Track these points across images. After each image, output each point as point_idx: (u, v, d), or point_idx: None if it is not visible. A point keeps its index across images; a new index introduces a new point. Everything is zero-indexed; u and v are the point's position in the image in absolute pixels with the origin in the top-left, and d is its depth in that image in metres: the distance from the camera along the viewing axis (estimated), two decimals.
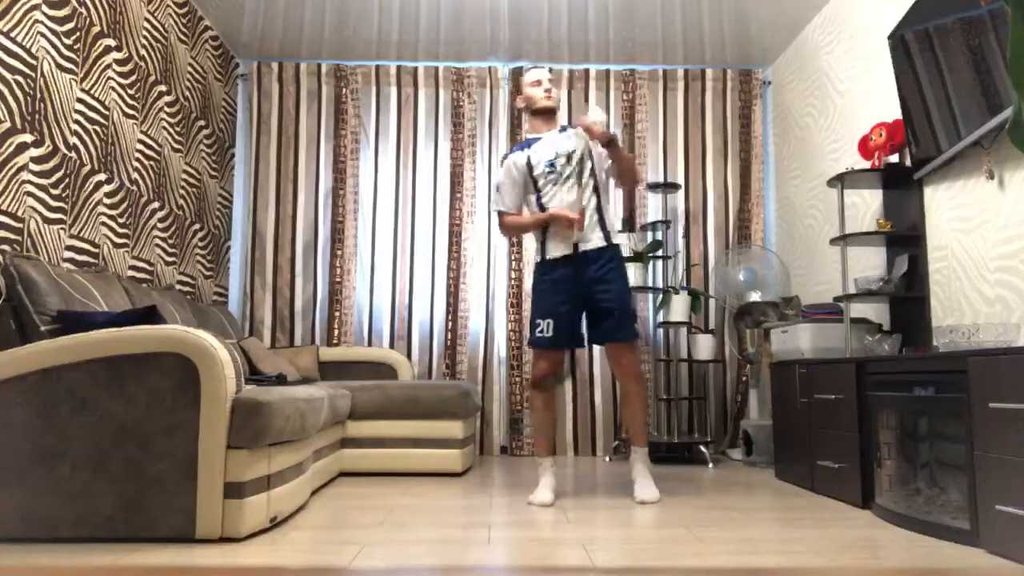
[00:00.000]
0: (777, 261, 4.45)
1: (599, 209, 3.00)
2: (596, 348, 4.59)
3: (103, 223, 3.19)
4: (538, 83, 3.07)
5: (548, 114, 3.09)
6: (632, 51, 4.68)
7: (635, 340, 2.99)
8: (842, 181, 3.30)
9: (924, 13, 2.89)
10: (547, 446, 3.04)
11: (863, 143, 3.41)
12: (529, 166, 3.02)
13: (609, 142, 2.91)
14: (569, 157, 2.99)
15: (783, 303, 4.10)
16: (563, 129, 3.10)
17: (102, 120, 3.16)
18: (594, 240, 2.96)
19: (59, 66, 2.85)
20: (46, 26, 2.76)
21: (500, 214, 3.12)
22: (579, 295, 2.96)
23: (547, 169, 2.99)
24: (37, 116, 2.72)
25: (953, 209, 2.91)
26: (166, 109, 3.76)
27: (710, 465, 4.03)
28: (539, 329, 2.97)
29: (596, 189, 3.01)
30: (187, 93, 4.01)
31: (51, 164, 2.81)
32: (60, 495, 2.10)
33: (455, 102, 4.76)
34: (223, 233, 4.57)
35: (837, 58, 3.94)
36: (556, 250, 2.98)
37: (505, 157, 3.12)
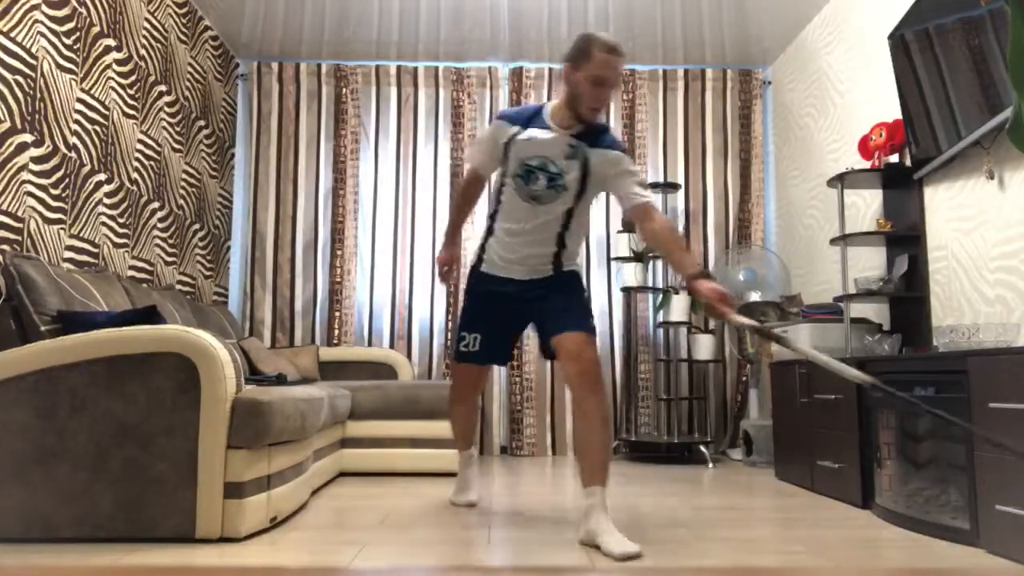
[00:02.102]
0: (777, 261, 4.45)
1: (558, 251, 2.43)
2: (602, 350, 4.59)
3: (103, 223, 3.19)
4: (602, 83, 2.25)
5: (581, 118, 2.35)
6: (632, 51, 4.67)
7: (592, 334, 2.34)
8: (842, 181, 3.30)
9: (924, 13, 2.89)
10: (465, 442, 2.83)
11: (863, 143, 3.41)
12: (514, 143, 2.39)
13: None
14: (554, 180, 2.34)
15: (786, 301, 4.10)
16: (579, 136, 2.36)
17: (102, 120, 3.16)
18: (543, 272, 2.46)
19: (59, 66, 2.85)
20: (46, 26, 2.76)
21: (468, 171, 2.69)
22: (516, 308, 2.50)
23: (523, 168, 2.36)
24: (37, 116, 2.72)
25: (953, 209, 2.91)
26: (166, 109, 3.76)
27: (710, 465, 4.03)
28: (464, 343, 2.57)
29: (562, 234, 2.42)
30: (187, 93, 4.01)
31: (51, 164, 2.81)
32: (60, 495, 2.10)
33: (455, 102, 4.76)
34: (223, 233, 4.57)
35: (837, 58, 3.94)
36: (498, 271, 2.50)
37: (501, 116, 2.49)
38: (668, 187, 4.52)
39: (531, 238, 2.42)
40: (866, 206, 3.59)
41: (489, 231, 2.53)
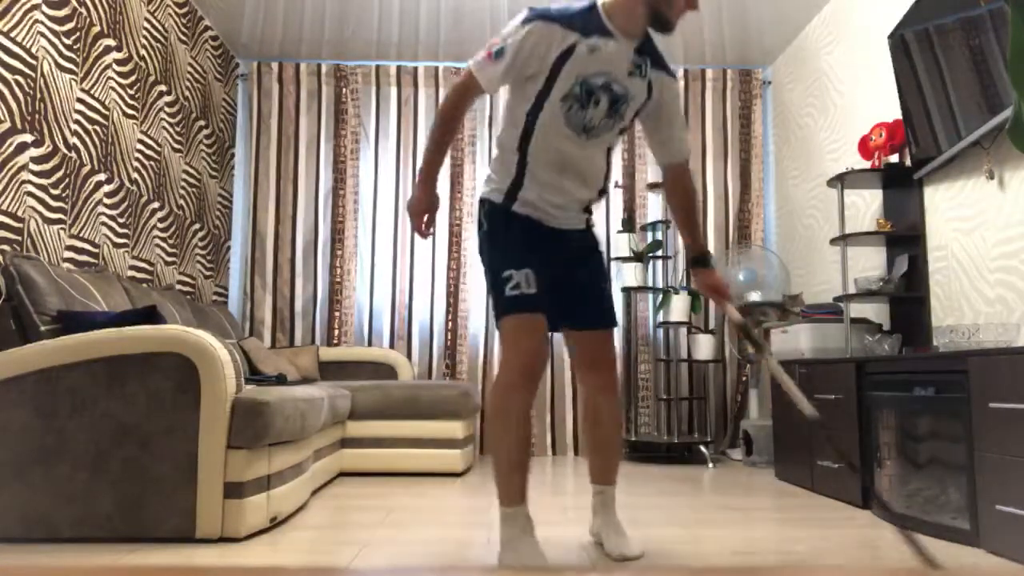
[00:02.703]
0: (777, 261, 4.45)
1: (594, 198, 2.05)
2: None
3: (103, 223, 3.19)
4: None
5: (660, 23, 1.82)
6: None
7: (614, 326, 2.09)
8: (842, 181, 3.30)
9: (924, 13, 2.89)
10: (521, 486, 1.85)
11: (863, 143, 3.41)
12: (573, 56, 1.81)
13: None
14: (617, 103, 1.86)
15: (788, 300, 4.10)
16: (643, 51, 1.86)
17: (102, 120, 3.16)
18: (576, 224, 2.05)
19: (59, 66, 2.85)
20: (46, 26, 2.76)
21: (471, 78, 1.95)
22: (562, 254, 2.01)
23: (584, 87, 1.82)
24: (37, 116, 2.72)
25: (953, 209, 2.91)
26: (166, 109, 3.76)
27: (710, 465, 4.03)
28: (512, 284, 1.85)
29: (604, 176, 2.03)
30: (187, 93, 4.01)
31: (51, 164, 2.81)
32: (60, 495, 2.10)
33: None
34: (223, 233, 4.57)
35: (837, 58, 3.94)
36: (541, 217, 1.97)
37: (545, 16, 1.82)
38: None
39: (576, 180, 1.95)
40: (866, 206, 3.59)
41: (521, 165, 1.92)
